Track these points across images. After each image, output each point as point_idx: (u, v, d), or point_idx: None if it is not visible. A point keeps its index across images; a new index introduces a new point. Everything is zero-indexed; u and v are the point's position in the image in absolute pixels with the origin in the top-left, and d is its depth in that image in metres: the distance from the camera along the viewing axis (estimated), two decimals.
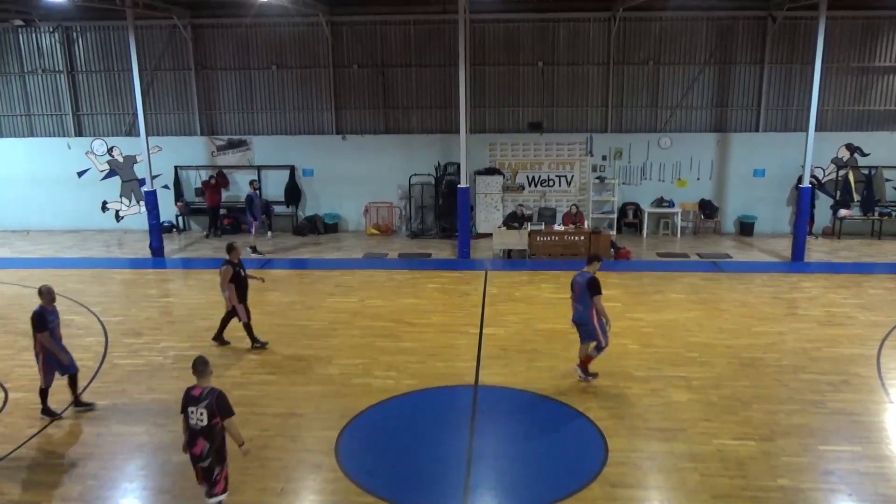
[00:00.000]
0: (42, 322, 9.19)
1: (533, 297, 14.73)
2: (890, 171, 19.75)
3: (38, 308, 9.28)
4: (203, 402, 6.67)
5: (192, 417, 6.71)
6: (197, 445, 6.77)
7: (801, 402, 9.82)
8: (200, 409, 6.67)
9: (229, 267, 11.67)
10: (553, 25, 19.99)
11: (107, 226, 21.73)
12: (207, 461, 6.81)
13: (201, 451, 6.77)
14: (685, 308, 13.77)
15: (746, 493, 7.69)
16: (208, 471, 6.84)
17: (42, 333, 9.19)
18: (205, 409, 6.66)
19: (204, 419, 6.67)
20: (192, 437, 6.78)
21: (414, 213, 21.02)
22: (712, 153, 20.34)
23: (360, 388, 10.37)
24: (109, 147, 21.38)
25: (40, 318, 9.20)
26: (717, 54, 19.96)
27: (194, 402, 6.70)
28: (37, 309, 9.27)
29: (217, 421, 6.71)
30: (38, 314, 9.22)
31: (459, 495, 7.72)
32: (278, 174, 21.12)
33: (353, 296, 14.89)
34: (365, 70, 20.65)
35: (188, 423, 6.77)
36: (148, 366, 11.32)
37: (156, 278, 17.05)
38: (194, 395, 6.73)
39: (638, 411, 9.61)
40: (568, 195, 20.71)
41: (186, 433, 6.85)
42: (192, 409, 6.70)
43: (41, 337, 9.21)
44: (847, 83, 19.86)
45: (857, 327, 12.72)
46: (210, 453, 6.78)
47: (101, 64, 21.08)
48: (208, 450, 6.77)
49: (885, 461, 8.35)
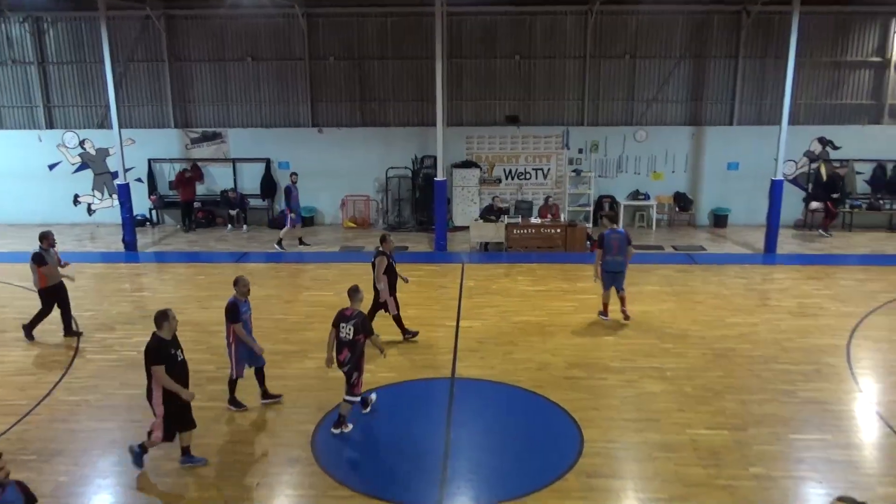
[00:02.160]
0: (236, 313, 9.12)
1: (510, 289, 14.77)
2: (861, 164, 20.03)
3: (231, 299, 9.20)
4: (352, 321, 8.58)
5: (342, 331, 8.60)
6: (342, 353, 8.65)
7: (772, 391, 9.96)
8: (349, 326, 8.58)
9: (384, 258, 11.45)
10: (530, 19, 20.01)
11: (79, 219, 21.43)
12: (348, 367, 8.65)
13: (345, 359, 8.65)
14: (660, 300, 13.89)
15: (719, 481, 7.80)
16: (348, 374, 8.66)
17: (236, 324, 9.11)
18: (352, 326, 8.56)
19: (350, 334, 8.57)
20: (339, 346, 8.68)
21: (391, 206, 20.97)
22: (687, 146, 20.50)
23: (336, 382, 10.25)
24: (81, 140, 21.07)
25: (234, 308, 9.14)
26: (692, 48, 20.11)
27: (345, 320, 8.63)
28: (231, 300, 9.20)
29: (360, 337, 8.58)
30: (233, 305, 9.16)
31: (436, 488, 7.74)
32: (254, 167, 20.95)
33: (329, 289, 14.82)
34: (341, 62, 20.53)
35: (337, 336, 8.62)
36: (121, 361, 11.20)
37: (129, 272, 16.85)
38: (346, 315, 8.65)
39: (613, 402, 9.69)
40: (544, 188, 20.78)
41: (331, 346, 8.75)
42: (342, 325, 8.61)
43: (235, 328, 9.13)
44: (819, 77, 20.10)
45: (827, 318, 12.91)
46: (350, 361, 8.62)
47: (72, 55, 20.74)
48: (349, 358, 8.61)
49: (854, 449, 8.51)
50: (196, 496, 7.65)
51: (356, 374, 8.66)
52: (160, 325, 7.78)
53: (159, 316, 7.79)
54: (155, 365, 7.64)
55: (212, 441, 7.98)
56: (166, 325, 7.78)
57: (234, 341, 9.22)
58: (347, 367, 8.64)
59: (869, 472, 8.03)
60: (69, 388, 10.25)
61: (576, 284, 14.88)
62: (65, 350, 11.66)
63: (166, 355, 7.71)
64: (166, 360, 7.69)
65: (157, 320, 7.79)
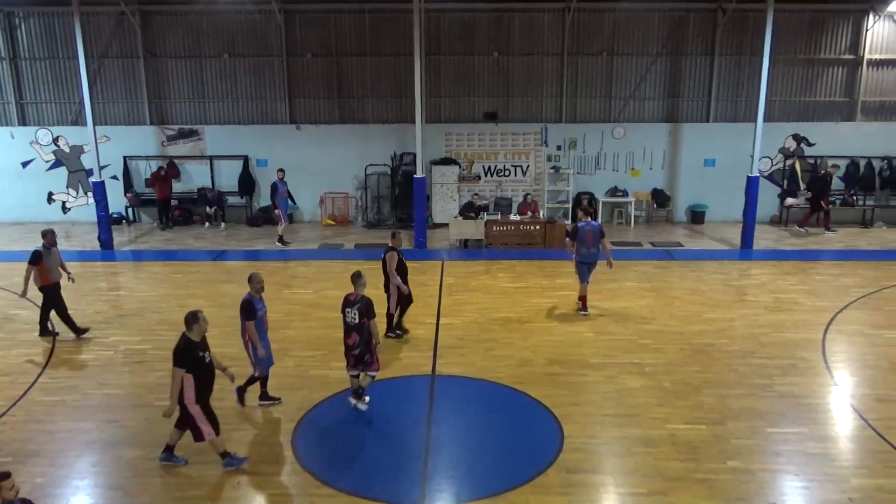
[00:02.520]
0: (251, 310, 9.01)
1: (489, 286, 14.80)
2: (834, 160, 20.30)
3: (247, 296, 9.08)
4: (356, 305, 8.88)
5: (347, 316, 8.97)
6: (350, 337, 9.03)
7: (750, 386, 10.08)
8: (354, 311, 8.89)
9: (394, 253, 11.38)
10: (508, 16, 20.03)
11: (53, 218, 21.10)
12: (358, 350, 9.02)
13: (354, 342, 9.01)
14: (638, 296, 14.00)
15: (698, 475, 7.88)
16: (360, 356, 9.06)
17: (250, 322, 8.99)
18: (357, 310, 8.86)
19: (356, 318, 8.88)
20: (347, 331, 9.04)
21: (370, 204, 20.92)
22: (664, 143, 20.66)
23: (317, 380, 10.31)
24: (55, 137, 20.75)
25: (250, 306, 9.01)
26: (668, 46, 20.26)
27: (350, 305, 8.96)
28: (246, 297, 9.07)
29: (366, 320, 8.87)
30: (248, 302, 9.03)
31: (418, 485, 7.75)
32: (232, 164, 20.78)
33: (309, 287, 14.77)
34: (319, 59, 20.42)
35: (344, 321, 9.00)
36: (97, 360, 11.08)
37: (105, 271, 16.65)
38: (350, 300, 8.99)
39: (593, 398, 9.76)
40: (524, 185, 20.84)
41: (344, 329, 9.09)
42: (347, 310, 8.96)
43: (249, 325, 9.01)
44: (794, 75, 20.35)
45: (803, 313, 13.09)
46: (360, 344, 8.99)
47: (45, 51, 20.42)
48: (358, 341, 8.98)
49: (829, 441, 8.65)
50: (178, 495, 7.59)
51: (368, 354, 9.09)
52: (190, 327, 7.70)
53: (189, 317, 7.71)
54: (178, 367, 7.53)
55: (190, 441, 7.91)
56: (196, 327, 7.69)
57: (251, 339, 9.14)
58: (358, 350, 9.02)
59: (844, 464, 8.16)
60: (45, 389, 10.11)
61: (555, 281, 14.95)
62: (41, 350, 11.50)
63: (195, 358, 7.62)
64: (194, 363, 7.59)
65: (188, 322, 7.71)
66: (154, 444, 8.27)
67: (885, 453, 8.35)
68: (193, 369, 7.59)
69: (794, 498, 7.58)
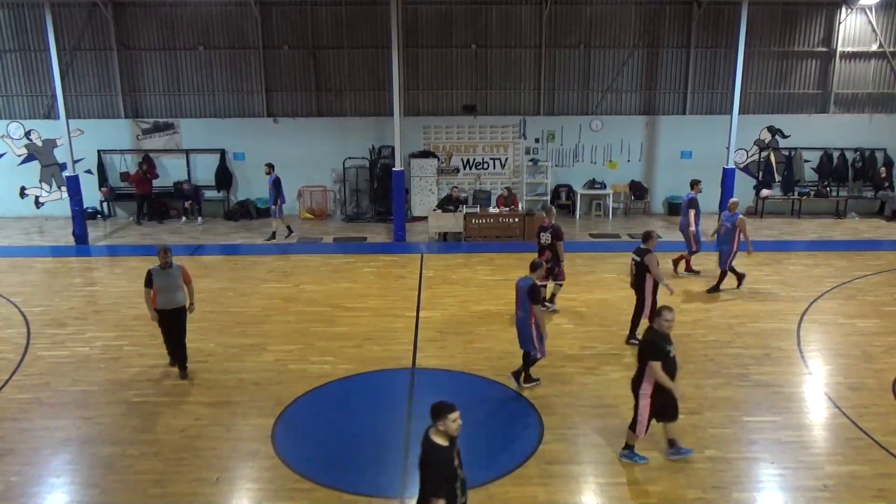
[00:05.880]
0: (538, 294, 9.37)
1: (469, 279, 14.82)
2: (808, 152, 20.54)
3: (531, 282, 9.34)
4: (548, 230, 12.15)
5: (542, 238, 12.22)
6: (543, 255, 11.99)
7: (726, 375, 10.20)
8: (546, 235, 12.16)
9: (653, 254, 10.99)
10: (486, 8, 20.00)
11: (26, 213, 20.80)
12: (550, 263, 11.93)
13: (547, 258, 11.92)
14: (617, 287, 14.07)
15: (676, 464, 7.96)
16: (551, 269, 12.08)
17: (537, 305, 9.28)
18: (549, 234, 12.12)
19: (549, 239, 12.13)
20: (541, 250, 12.22)
21: (349, 197, 20.83)
22: (641, 136, 20.78)
23: (296, 374, 10.27)
24: (27, 130, 20.42)
25: (537, 290, 9.32)
26: (645, 39, 20.35)
27: (543, 230, 12.23)
28: (531, 282, 9.33)
29: (555, 240, 12.06)
30: (534, 287, 9.30)
31: (398, 478, 7.75)
32: (208, 158, 20.59)
33: (287, 281, 14.69)
34: (296, 51, 20.26)
35: (539, 241, 12.28)
36: (73, 357, 10.94)
37: (80, 266, 16.44)
38: (543, 226, 12.26)
39: (573, 389, 9.81)
40: (502, 178, 20.86)
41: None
42: (542, 234, 12.21)
43: (535, 309, 9.26)
44: (768, 67, 20.53)
45: (778, 303, 13.25)
46: (552, 260, 12.06)
47: (15, 43, 20.05)
48: (551, 257, 12.06)
49: (804, 430, 8.77)
50: (157, 492, 7.53)
51: (557, 267, 12.16)
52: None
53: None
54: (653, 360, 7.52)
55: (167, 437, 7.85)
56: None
57: (535, 323, 9.32)
58: (550, 264, 11.91)
59: (818, 452, 8.28)
60: (19, 386, 9.98)
61: None
62: (14, 347, 11.34)
63: (662, 351, 7.54)
64: (663, 357, 7.53)
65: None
66: (129, 441, 8.19)
67: (858, 440, 8.49)
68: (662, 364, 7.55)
69: (769, 485, 7.68)
